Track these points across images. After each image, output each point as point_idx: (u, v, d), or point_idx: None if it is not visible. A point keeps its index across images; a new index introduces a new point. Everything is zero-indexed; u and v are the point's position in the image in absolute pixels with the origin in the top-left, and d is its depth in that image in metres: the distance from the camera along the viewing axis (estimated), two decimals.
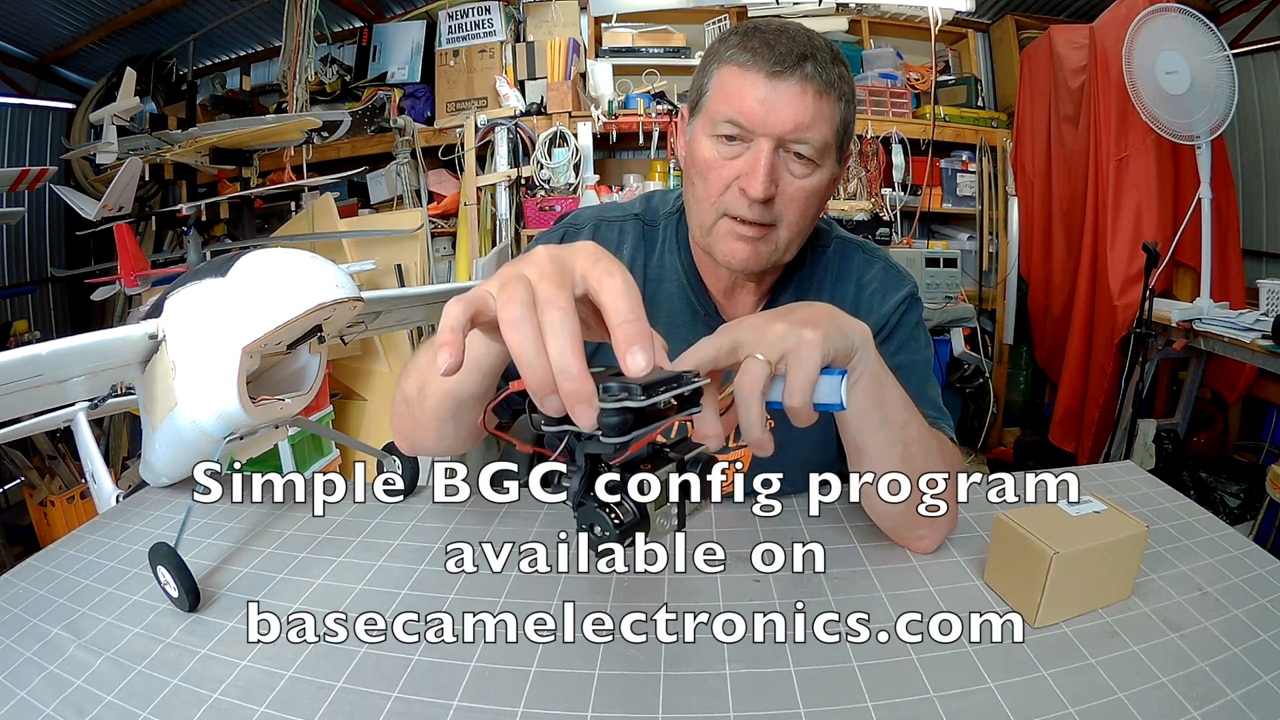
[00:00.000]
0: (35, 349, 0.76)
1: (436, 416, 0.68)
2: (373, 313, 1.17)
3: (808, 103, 0.72)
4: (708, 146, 0.77)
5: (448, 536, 0.80)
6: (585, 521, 0.42)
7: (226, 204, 3.35)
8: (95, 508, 1.05)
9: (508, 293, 0.40)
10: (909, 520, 0.72)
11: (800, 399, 0.52)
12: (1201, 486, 2.57)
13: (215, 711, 0.55)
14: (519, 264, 0.43)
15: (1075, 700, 0.53)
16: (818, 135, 0.73)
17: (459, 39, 3.45)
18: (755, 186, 0.73)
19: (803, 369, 0.52)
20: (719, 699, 0.54)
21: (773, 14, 3.44)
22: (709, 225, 0.79)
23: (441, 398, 0.65)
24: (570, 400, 0.37)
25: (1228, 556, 0.72)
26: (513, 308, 0.39)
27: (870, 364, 0.61)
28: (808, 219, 0.79)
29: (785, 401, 0.52)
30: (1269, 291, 2.37)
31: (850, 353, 0.58)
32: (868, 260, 0.91)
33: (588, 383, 0.38)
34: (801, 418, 0.52)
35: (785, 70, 0.71)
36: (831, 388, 0.53)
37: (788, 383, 0.52)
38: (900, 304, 0.87)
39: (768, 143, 0.73)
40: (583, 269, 0.42)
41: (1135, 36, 2.45)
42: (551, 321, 0.39)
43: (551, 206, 3.05)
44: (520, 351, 0.39)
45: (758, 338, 0.53)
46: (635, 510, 0.42)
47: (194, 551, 0.78)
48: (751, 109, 0.72)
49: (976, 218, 3.56)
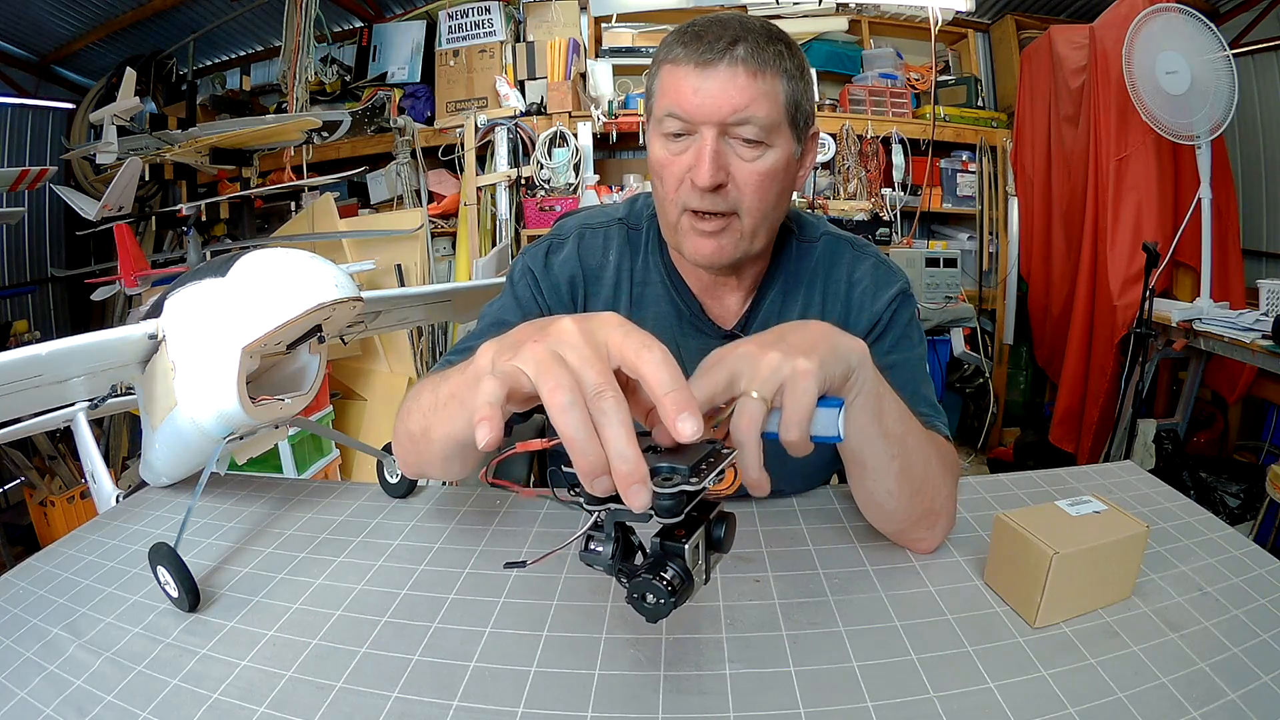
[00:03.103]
0: (35, 349, 0.76)
1: (443, 456, 0.68)
2: (373, 313, 1.17)
3: (741, 84, 0.71)
4: (659, 146, 0.77)
5: (448, 537, 0.80)
6: (637, 592, 0.44)
7: (226, 204, 3.36)
8: (95, 508, 1.05)
9: (553, 378, 0.41)
10: (908, 526, 0.72)
11: (797, 433, 0.51)
12: (1201, 486, 2.57)
13: (215, 711, 0.55)
14: (546, 338, 0.44)
15: (1075, 700, 0.53)
16: (760, 114, 0.72)
17: (459, 39, 3.45)
18: (702, 175, 0.73)
19: (799, 403, 0.51)
20: (719, 699, 0.54)
21: (771, 14, 3.44)
22: (674, 223, 0.79)
23: (446, 442, 0.65)
24: (625, 483, 0.39)
25: (1228, 556, 0.72)
26: (561, 394, 0.40)
27: (869, 383, 0.60)
28: (769, 202, 0.77)
29: (782, 435, 0.51)
30: (1269, 291, 2.37)
31: (848, 375, 0.57)
32: (857, 256, 0.90)
33: (642, 467, 0.39)
34: (798, 450, 0.52)
35: (715, 56, 0.71)
36: (829, 420, 0.52)
37: (783, 417, 0.51)
38: (892, 301, 0.86)
39: (710, 130, 0.73)
40: (616, 345, 0.43)
41: (1135, 36, 2.45)
42: (605, 410, 0.40)
43: (551, 206, 3.05)
44: (574, 439, 0.40)
45: (752, 371, 0.51)
46: (683, 574, 0.44)
47: (194, 551, 0.78)
48: (687, 100, 0.72)
49: (976, 218, 3.56)
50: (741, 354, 0.53)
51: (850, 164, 3.34)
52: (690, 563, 0.44)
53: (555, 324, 0.45)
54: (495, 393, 0.42)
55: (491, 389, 0.42)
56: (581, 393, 0.41)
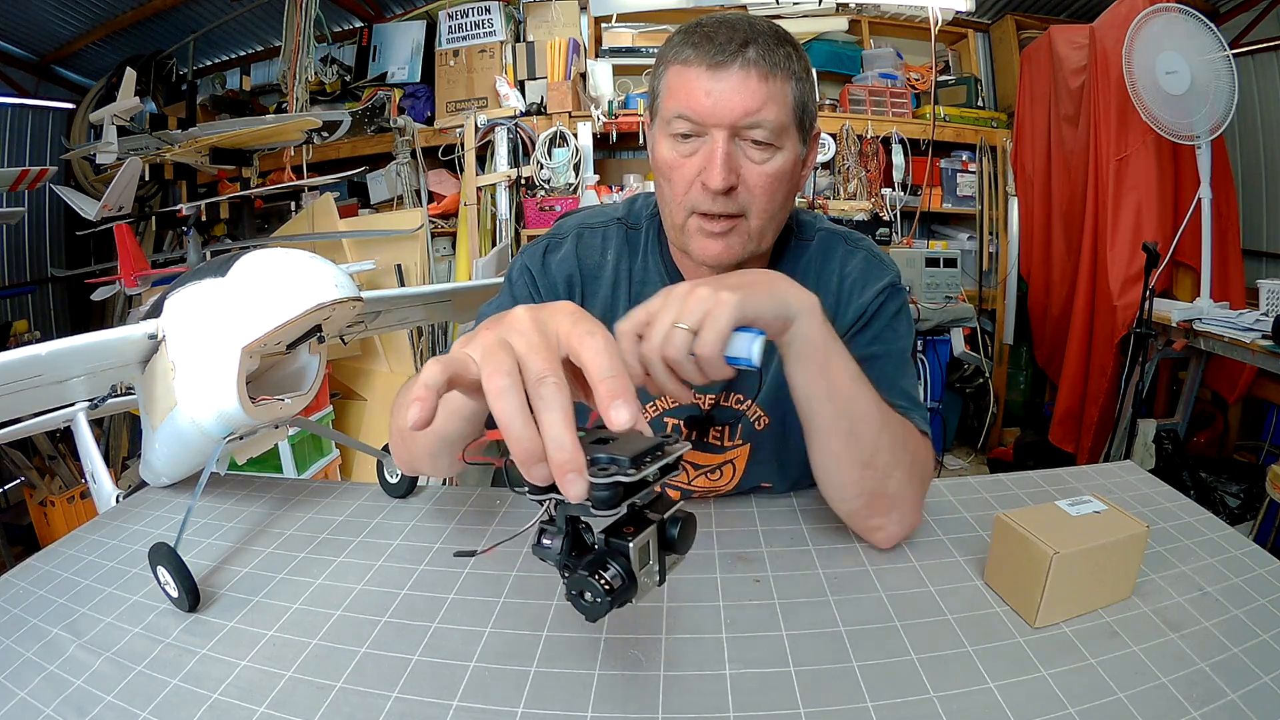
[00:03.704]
0: (35, 349, 0.76)
1: (429, 452, 0.70)
2: (373, 313, 1.17)
3: (753, 87, 0.71)
4: (666, 147, 0.77)
5: (448, 537, 0.80)
6: (575, 589, 0.42)
7: (226, 204, 3.36)
8: (95, 508, 1.05)
9: (494, 363, 0.40)
10: (861, 506, 0.73)
11: (708, 350, 0.57)
12: (1201, 486, 2.57)
13: (215, 711, 0.55)
14: (499, 326, 0.44)
15: (1075, 700, 0.53)
16: (770, 117, 0.72)
17: (459, 39, 3.45)
18: (714, 178, 0.73)
19: (713, 325, 0.57)
20: (719, 699, 0.54)
21: (772, 14, 3.44)
22: (680, 225, 0.80)
23: (430, 438, 0.67)
24: (560, 471, 0.38)
25: (1228, 556, 0.72)
26: (499, 379, 0.40)
27: (814, 332, 0.65)
28: (776, 204, 0.78)
29: (696, 351, 0.57)
30: (1269, 291, 2.37)
31: (786, 319, 0.63)
32: (850, 250, 0.90)
33: (578, 454, 0.38)
34: (714, 368, 0.58)
35: (727, 59, 0.71)
36: (744, 344, 0.58)
37: (699, 336, 0.57)
38: (880, 293, 0.86)
39: (721, 133, 0.73)
40: (564, 332, 0.43)
41: (1135, 36, 2.45)
42: (544, 396, 0.39)
43: (551, 206, 3.05)
44: (509, 424, 0.39)
45: (681, 305, 0.58)
46: (624, 575, 0.42)
47: (194, 551, 0.78)
48: (699, 102, 0.72)
49: (976, 218, 3.56)
50: (679, 292, 0.59)
51: (850, 164, 3.34)
52: (638, 562, 0.42)
53: (510, 313, 0.45)
54: (435, 376, 0.41)
55: (432, 372, 0.42)
56: (523, 379, 0.40)
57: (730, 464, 0.91)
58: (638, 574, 0.42)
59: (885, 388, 0.76)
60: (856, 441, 0.70)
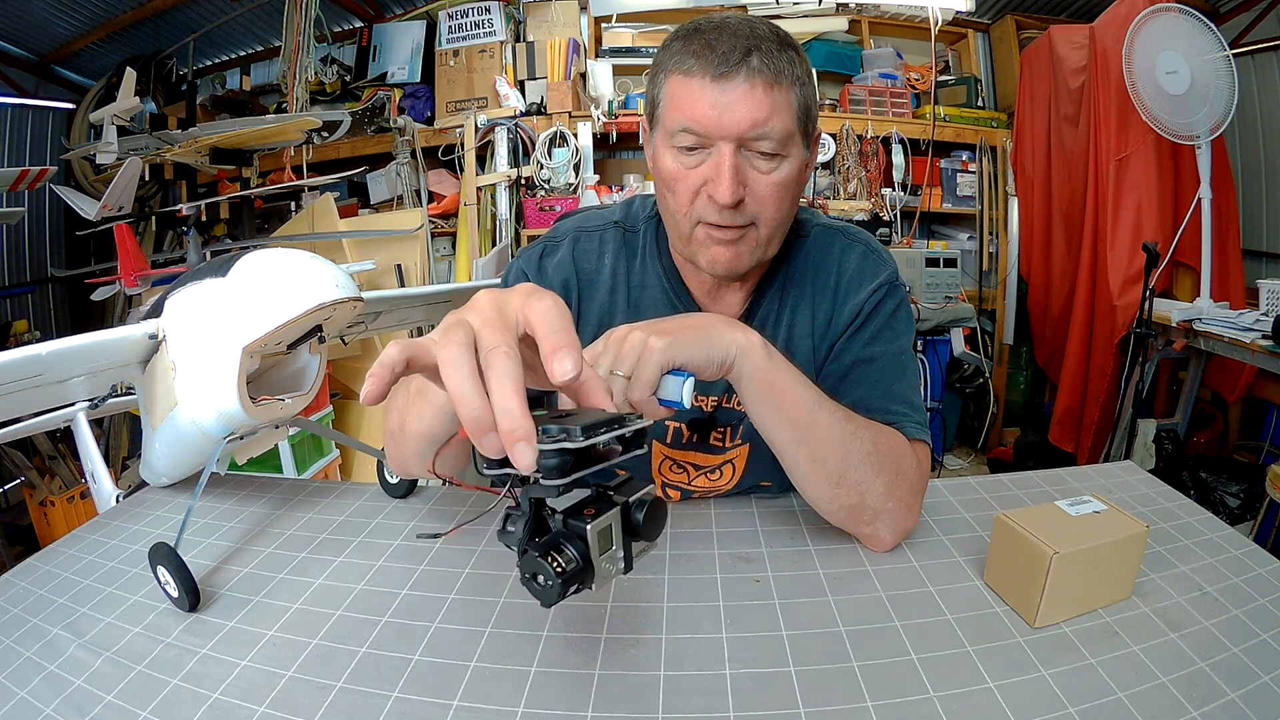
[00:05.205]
0: (35, 349, 0.76)
1: (417, 451, 0.69)
2: (373, 313, 1.17)
3: (759, 97, 0.70)
4: (670, 159, 0.76)
5: (448, 537, 0.80)
6: (528, 571, 0.41)
7: (226, 204, 3.36)
8: (95, 508, 1.06)
9: (447, 336, 0.41)
10: (845, 518, 0.74)
11: (637, 395, 0.59)
12: (1201, 486, 2.57)
13: (215, 711, 0.55)
14: (462, 311, 0.45)
15: (1075, 700, 0.53)
16: (777, 127, 0.71)
17: (459, 39, 3.45)
18: (722, 192, 0.72)
19: (642, 371, 0.59)
20: (719, 699, 0.54)
21: (772, 14, 3.44)
22: (687, 234, 0.79)
23: (417, 437, 0.67)
24: (509, 440, 0.38)
25: (1228, 556, 0.72)
26: (450, 349, 0.40)
27: (756, 370, 0.66)
28: (784, 211, 0.77)
29: (628, 396, 0.59)
30: (1269, 291, 2.36)
31: (723, 362, 0.64)
32: (848, 245, 0.88)
33: (526, 422, 0.38)
34: (648, 410, 0.59)
35: (731, 69, 0.69)
36: (674, 387, 0.60)
37: (630, 382, 0.58)
38: (875, 291, 0.84)
39: (728, 146, 0.71)
40: (517, 305, 0.43)
41: (1135, 36, 2.45)
42: (493, 365, 0.39)
43: (551, 206, 3.05)
44: (457, 390, 0.39)
45: (617, 350, 0.60)
46: (579, 558, 0.40)
47: (194, 551, 0.78)
48: (704, 115, 0.71)
49: (976, 218, 3.56)
50: (615, 337, 0.61)
51: (850, 164, 3.34)
52: (597, 546, 0.41)
53: (474, 297, 0.46)
54: (393, 356, 0.42)
55: (392, 352, 0.43)
56: (474, 352, 0.41)
57: (730, 464, 0.91)
58: (595, 559, 0.41)
59: (879, 394, 0.76)
60: (822, 464, 0.70)
